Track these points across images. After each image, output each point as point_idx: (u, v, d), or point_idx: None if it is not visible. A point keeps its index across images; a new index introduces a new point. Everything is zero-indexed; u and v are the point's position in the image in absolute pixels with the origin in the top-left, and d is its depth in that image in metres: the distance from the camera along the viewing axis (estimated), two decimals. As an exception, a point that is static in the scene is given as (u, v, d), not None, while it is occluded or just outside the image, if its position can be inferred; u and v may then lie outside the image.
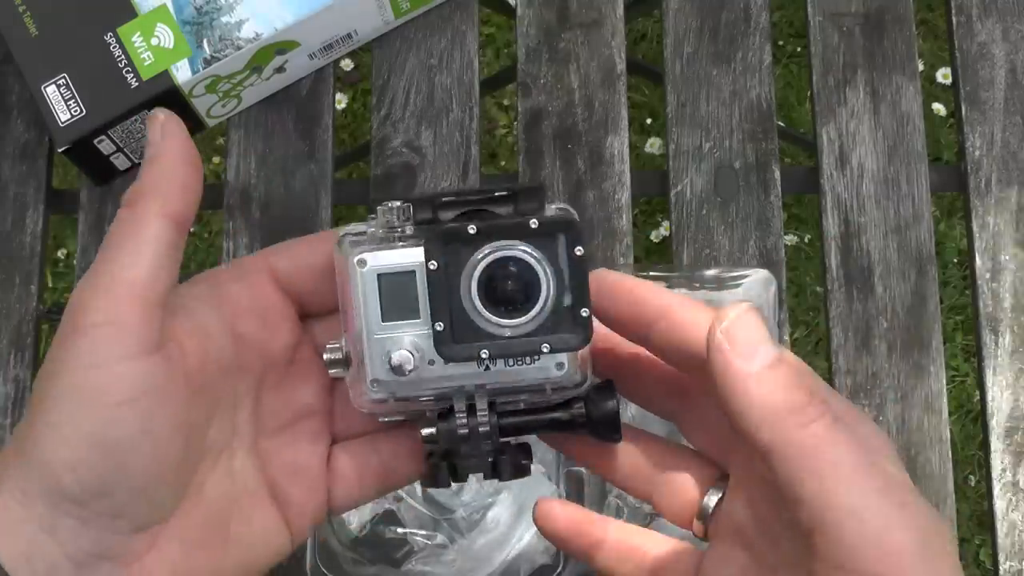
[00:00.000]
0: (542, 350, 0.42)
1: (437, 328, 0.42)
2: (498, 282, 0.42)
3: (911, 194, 0.78)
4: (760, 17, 0.81)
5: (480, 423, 0.44)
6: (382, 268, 0.43)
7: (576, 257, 0.42)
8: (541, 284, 0.42)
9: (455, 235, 0.42)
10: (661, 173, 0.80)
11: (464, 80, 0.81)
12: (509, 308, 0.42)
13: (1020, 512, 0.73)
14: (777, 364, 0.39)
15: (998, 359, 0.75)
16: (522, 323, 0.42)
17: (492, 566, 0.70)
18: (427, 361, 0.43)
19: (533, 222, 0.42)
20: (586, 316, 0.42)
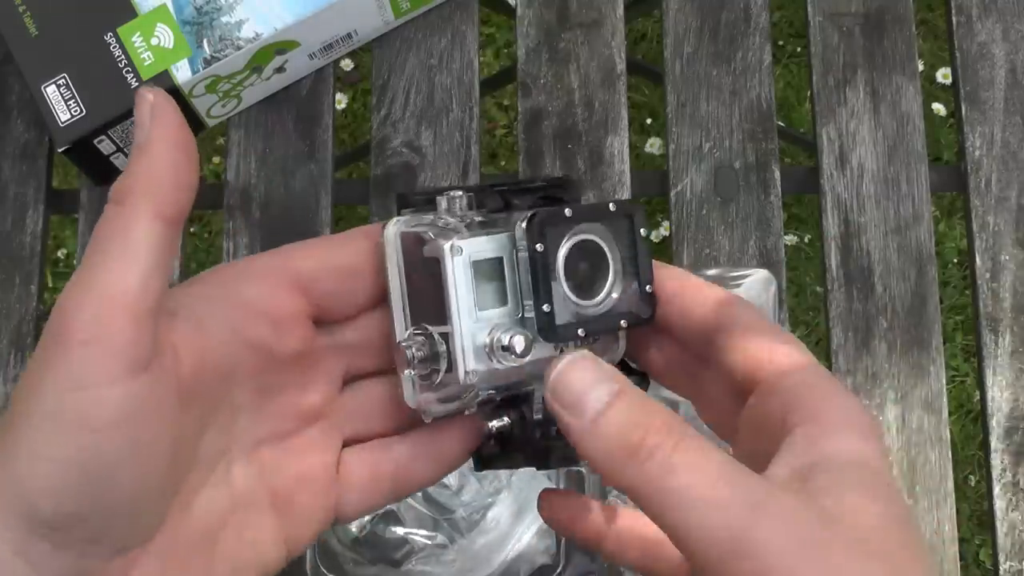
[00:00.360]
0: (622, 325, 0.44)
1: (544, 309, 0.43)
2: (577, 264, 0.43)
3: (911, 194, 0.78)
4: (760, 17, 0.81)
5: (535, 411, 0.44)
6: (477, 255, 0.43)
7: (643, 238, 0.44)
8: (609, 264, 0.44)
9: (555, 217, 0.43)
10: (661, 173, 0.80)
11: (464, 80, 0.81)
12: (586, 289, 0.44)
13: (1020, 512, 0.73)
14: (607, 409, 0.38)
15: (998, 359, 0.75)
16: (600, 301, 0.44)
17: (492, 566, 0.70)
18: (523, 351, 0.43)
19: (612, 205, 0.44)
20: (650, 291, 0.44)
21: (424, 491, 0.72)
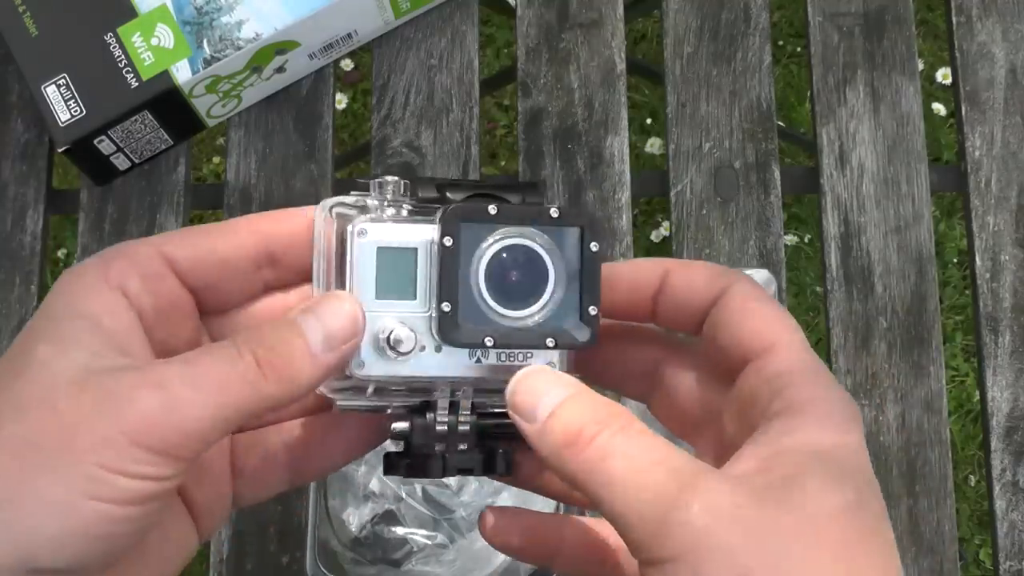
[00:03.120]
0: (547, 344, 0.41)
1: (444, 309, 0.40)
2: (506, 270, 0.40)
3: (911, 194, 0.78)
4: (760, 17, 0.81)
5: (461, 421, 0.42)
6: (383, 242, 0.41)
7: (591, 252, 0.41)
8: (549, 277, 0.41)
9: (474, 213, 0.40)
10: (661, 173, 0.80)
11: (464, 80, 0.81)
12: (514, 299, 0.41)
13: (1020, 512, 0.73)
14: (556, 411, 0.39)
15: (998, 359, 0.75)
16: (528, 315, 0.41)
17: (492, 566, 0.70)
18: (419, 346, 0.41)
19: (554, 211, 0.41)
20: (594, 314, 0.41)
21: (424, 491, 0.72)
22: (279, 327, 0.40)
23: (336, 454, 0.46)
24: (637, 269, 0.44)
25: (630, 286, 0.43)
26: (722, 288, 0.42)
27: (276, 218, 0.44)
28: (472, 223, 0.40)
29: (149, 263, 0.42)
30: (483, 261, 0.40)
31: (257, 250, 0.43)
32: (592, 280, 0.41)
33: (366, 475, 0.72)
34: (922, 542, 0.73)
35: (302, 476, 0.46)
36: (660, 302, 0.43)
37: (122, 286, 0.41)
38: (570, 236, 0.41)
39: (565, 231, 0.41)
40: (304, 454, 0.45)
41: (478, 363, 0.41)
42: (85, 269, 0.41)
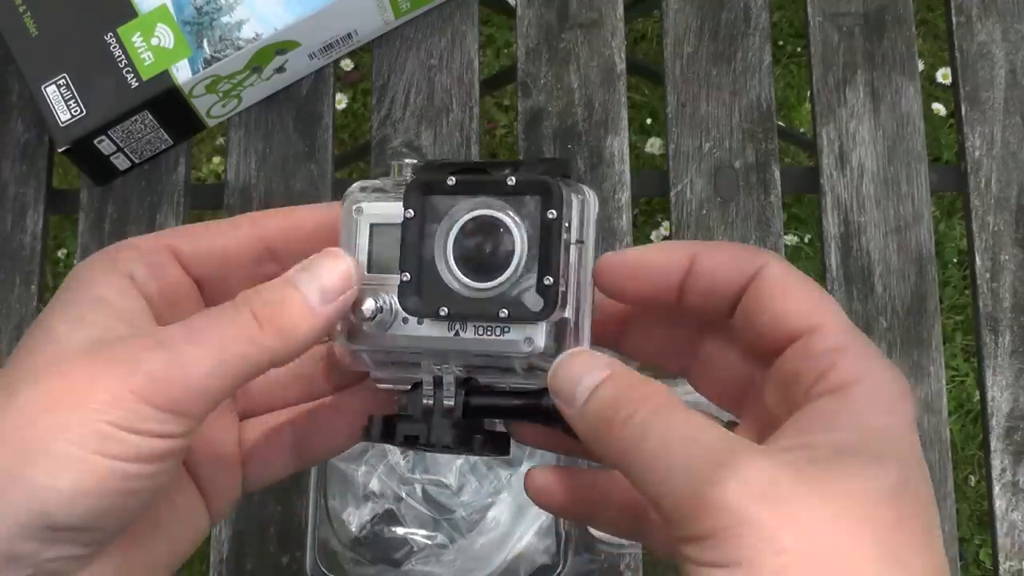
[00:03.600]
0: (499, 315, 0.40)
1: (403, 279, 0.41)
2: (473, 241, 0.41)
3: (911, 194, 0.78)
4: (760, 17, 0.81)
5: (446, 396, 0.42)
6: (376, 218, 0.42)
7: (548, 220, 0.40)
8: (516, 247, 0.40)
9: (432, 185, 0.41)
10: (661, 173, 0.80)
11: (464, 80, 0.81)
12: (483, 271, 0.41)
13: (1020, 512, 0.73)
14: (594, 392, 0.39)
15: (998, 359, 0.75)
16: (488, 287, 0.41)
17: (492, 566, 0.70)
18: (401, 318, 0.42)
19: (510, 180, 0.40)
20: (548, 284, 0.40)
21: (424, 491, 0.72)
22: (275, 285, 0.41)
23: (340, 436, 0.47)
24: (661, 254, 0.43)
25: (655, 270, 0.43)
26: (756, 268, 0.42)
27: (278, 214, 0.45)
28: (433, 196, 0.41)
29: (154, 252, 0.43)
30: (452, 232, 0.41)
31: (258, 244, 0.45)
32: (549, 249, 0.40)
33: (366, 475, 0.72)
34: (922, 542, 0.72)
35: (307, 458, 0.47)
36: (688, 286, 0.43)
37: (130, 272, 0.42)
38: (535, 207, 0.40)
39: (529, 199, 0.40)
40: (309, 436, 0.46)
41: (456, 336, 0.42)
42: (95, 259, 0.43)
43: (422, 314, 0.41)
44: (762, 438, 0.39)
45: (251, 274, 0.45)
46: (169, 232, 0.45)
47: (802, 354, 0.40)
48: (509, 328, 0.41)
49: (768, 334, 0.41)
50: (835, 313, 0.41)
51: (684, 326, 0.45)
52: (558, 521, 0.71)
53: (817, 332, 0.40)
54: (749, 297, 0.42)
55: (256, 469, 0.46)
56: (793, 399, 0.40)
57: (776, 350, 0.41)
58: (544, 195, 0.40)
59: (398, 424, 0.43)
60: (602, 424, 0.39)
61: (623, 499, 0.45)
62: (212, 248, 0.44)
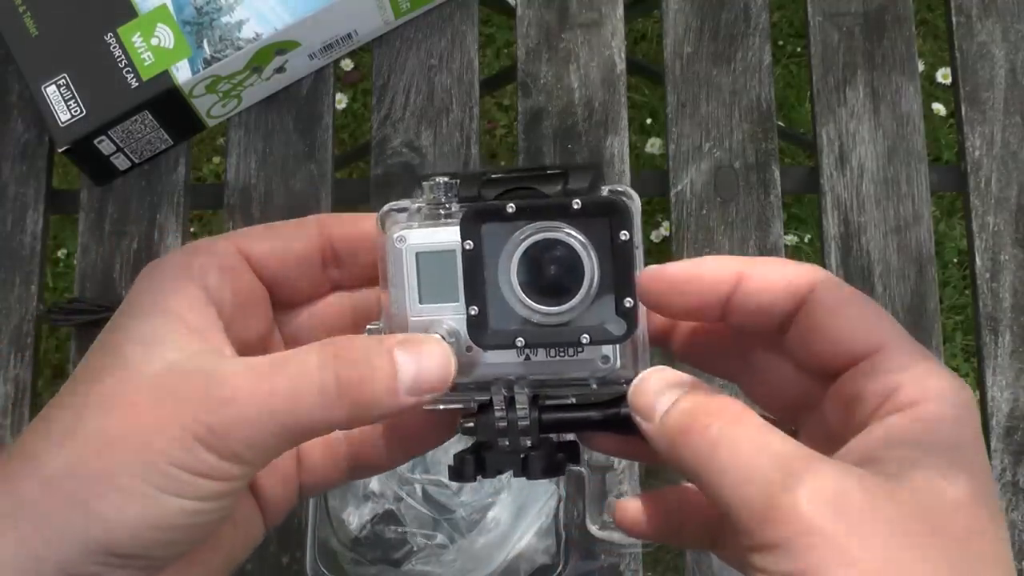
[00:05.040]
0: (582, 341, 0.40)
1: (471, 312, 0.40)
2: (540, 266, 0.40)
3: (911, 194, 0.78)
4: (760, 17, 0.81)
5: (520, 417, 0.42)
6: (422, 247, 0.41)
7: (620, 243, 0.39)
8: (584, 269, 0.40)
9: (492, 213, 0.39)
10: (661, 173, 0.80)
11: (464, 80, 0.81)
12: (551, 294, 0.40)
13: (1020, 512, 0.73)
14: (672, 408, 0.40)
15: (998, 359, 0.75)
16: (562, 311, 0.40)
17: (492, 566, 0.70)
18: (465, 347, 0.41)
19: (576, 203, 0.39)
20: (630, 306, 0.40)
21: (424, 491, 0.72)
22: (371, 351, 0.40)
23: (395, 452, 0.47)
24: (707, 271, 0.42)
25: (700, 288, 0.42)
26: (807, 288, 0.41)
27: (343, 220, 0.45)
28: (493, 224, 0.40)
29: (228, 257, 0.43)
30: (515, 258, 0.40)
31: (324, 249, 0.45)
32: (625, 271, 0.40)
33: (366, 475, 0.72)
34: (922, 542, 0.72)
35: (362, 470, 0.47)
36: (735, 304, 0.42)
37: (203, 279, 0.42)
38: (600, 226, 0.40)
39: (596, 221, 0.39)
40: (364, 450, 0.46)
41: (527, 360, 0.41)
42: (168, 264, 0.43)
43: (497, 347, 0.40)
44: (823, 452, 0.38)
45: (318, 280, 0.45)
46: (240, 234, 0.44)
47: (866, 375, 0.40)
48: (583, 348, 0.41)
49: (827, 356, 0.41)
50: (896, 331, 0.41)
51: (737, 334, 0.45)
52: (558, 521, 0.71)
53: (880, 353, 0.40)
54: (803, 318, 0.41)
55: (311, 480, 0.47)
56: (858, 418, 0.40)
57: (836, 370, 0.41)
58: (614, 216, 0.39)
59: (488, 458, 0.43)
60: (678, 436, 0.39)
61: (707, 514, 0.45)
62: (282, 252, 0.44)
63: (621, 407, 0.42)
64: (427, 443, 0.47)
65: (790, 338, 0.42)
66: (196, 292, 0.42)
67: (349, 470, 0.47)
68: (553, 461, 0.43)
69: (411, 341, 0.40)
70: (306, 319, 0.46)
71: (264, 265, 0.44)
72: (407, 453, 0.48)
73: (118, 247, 0.79)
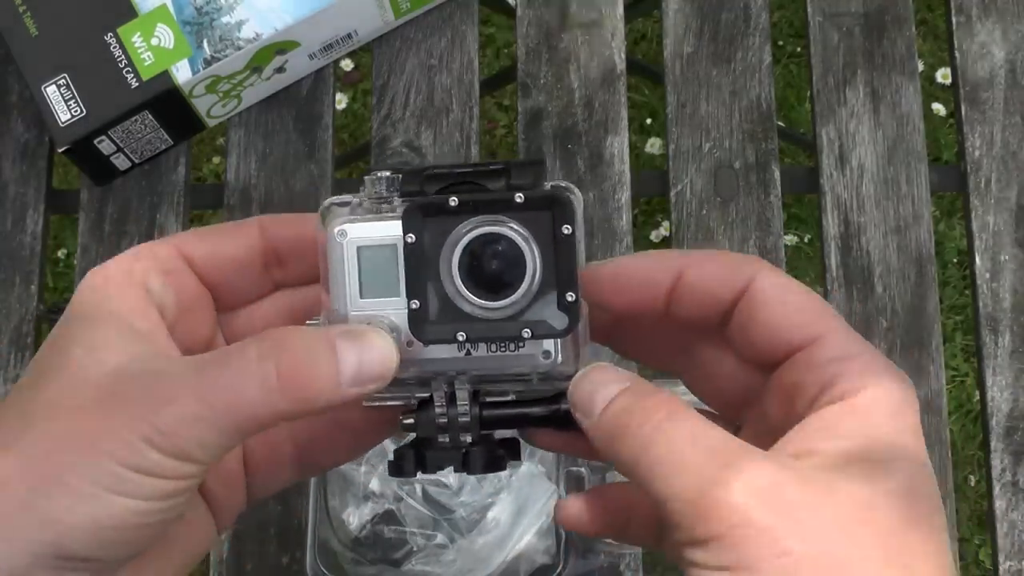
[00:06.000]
0: (523, 335, 0.40)
1: (412, 306, 0.40)
2: (482, 260, 0.39)
3: (911, 194, 0.78)
4: (760, 17, 0.81)
5: (460, 413, 0.42)
6: (363, 240, 0.41)
7: (563, 236, 0.39)
8: (527, 264, 0.39)
9: (434, 207, 0.39)
10: (661, 173, 0.80)
11: (464, 80, 0.81)
12: (493, 289, 0.40)
13: (1020, 512, 0.73)
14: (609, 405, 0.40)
15: (998, 359, 0.75)
16: (504, 306, 0.40)
17: (492, 566, 0.70)
18: (405, 342, 0.41)
19: (518, 196, 0.39)
20: (571, 301, 0.39)
21: (424, 491, 0.72)
22: (311, 342, 0.39)
23: (341, 449, 0.47)
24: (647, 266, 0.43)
25: (641, 282, 0.42)
26: (746, 280, 0.41)
27: (285, 221, 0.45)
28: (436, 218, 0.39)
29: (169, 261, 0.43)
30: (456, 252, 0.40)
31: (266, 251, 0.44)
32: (567, 265, 0.39)
33: (366, 475, 0.72)
34: (922, 542, 0.72)
35: (309, 469, 0.47)
36: (677, 299, 0.42)
37: (145, 283, 0.42)
38: (544, 220, 0.39)
39: (539, 215, 0.39)
40: (310, 449, 0.46)
41: (468, 355, 0.41)
42: (111, 268, 0.42)
43: (438, 341, 0.40)
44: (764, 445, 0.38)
45: (260, 281, 0.45)
46: (181, 237, 0.44)
47: (804, 366, 0.40)
48: (524, 343, 0.41)
49: (765, 346, 0.41)
50: (835, 321, 0.41)
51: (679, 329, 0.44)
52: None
53: (819, 343, 0.40)
54: (742, 310, 0.41)
55: (260, 480, 0.46)
56: (796, 409, 0.40)
57: (775, 361, 0.41)
58: (556, 210, 0.39)
59: (428, 455, 0.42)
60: (616, 432, 0.39)
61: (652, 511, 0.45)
62: (224, 255, 0.44)
63: (562, 403, 0.42)
64: (370, 440, 0.47)
65: (731, 330, 0.42)
66: (139, 295, 0.41)
67: (295, 469, 0.47)
68: (494, 456, 0.43)
69: (353, 332, 0.40)
70: (248, 320, 0.46)
71: (206, 268, 0.44)
72: (351, 451, 0.47)
73: (118, 247, 0.79)
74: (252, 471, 0.46)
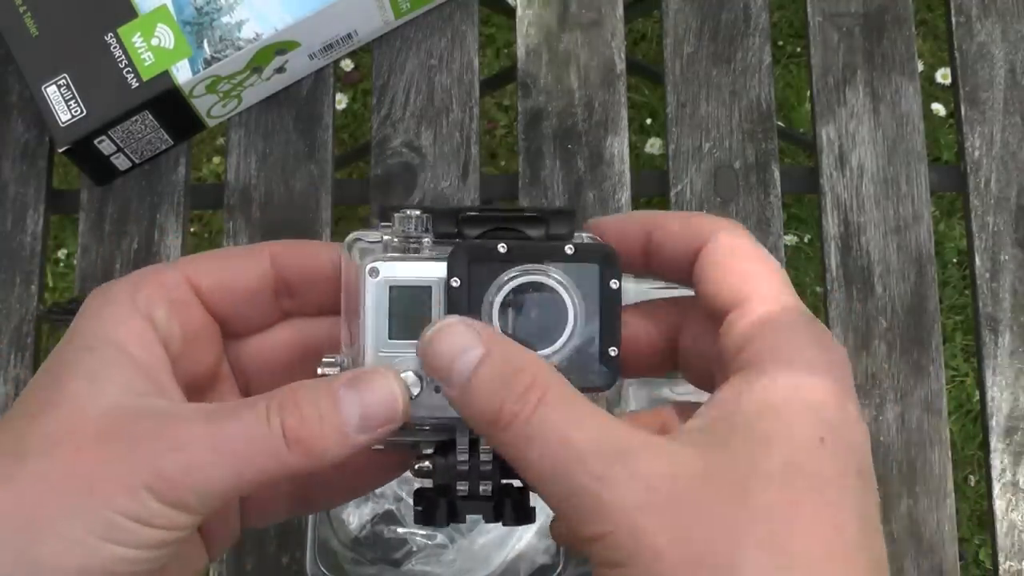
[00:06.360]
0: None
1: None
2: (523, 309, 0.39)
3: (911, 194, 0.78)
4: (760, 17, 0.81)
5: (483, 461, 0.41)
6: (396, 280, 0.40)
7: (610, 290, 0.39)
8: (568, 316, 0.39)
9: (483, 252, 0.39)
10: (661, 173, 0.80)
11: (464, 80, 0.81)
12: (533, 338, 0.39)
13: (1020, 512, 0.73)
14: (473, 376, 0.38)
15: (998, 359, 0.75)
16: (547, 354, 0.39)
17: (492, 566, 0.70)
18: (433, 387, 0.40)
19: (569, 247, 0.39)
20: (614, 355, 0.39)
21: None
22: (316, 395, 0.38)
23: (339, 491, 0.46)
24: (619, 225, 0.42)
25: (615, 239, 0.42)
26: (703, 241, 0.41)
27: (298, 251, 0.44)
28: (482, 263, 0.39)
29: (177, 290, 0.42)
30: (497, 300, 0.39)
31: (277, 280, 0.43)
32: (611, 319, 0.39)
33: (366, 475, 0.72)
34: (922, 542, 0.73)
35: (305, 508, 0.46)
36: (649, 255, 0.42)
37: (151, 313, 0.40)
38: (589, 271, 0.39)
39: (583, 267, 0.39)
40: (307, 488, 0.45)
41: None
42: (114, 294, 0.41)
43: None
44: None
45: (269, 309, 0.44)
46: (189, 264, 0.43)
47: (730, 329, 0.39)
48: None
49: (712, 306, 0.40)
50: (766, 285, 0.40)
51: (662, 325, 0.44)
52: None
53: (743, 306, 0.39)
54: (696, 269, 0.41)
55: (254, 515, 0.45)
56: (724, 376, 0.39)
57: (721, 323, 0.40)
58: (605, 264, 0.39)
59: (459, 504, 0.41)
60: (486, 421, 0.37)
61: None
62: (233, 284, 0.42)
63: None
64: (371, 483, 0.46)
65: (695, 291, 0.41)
66: (143, 326, 0.40)
67: (291, 505, 0.45)
68: (526, 508, 0.42)
69: (357, 378, 0.39)
70: (257, 349, 0.44)
71: (213, 298, 0.42)
72: (352, 492, 0.46)
73: (118, 247, 0.79)
74: (247, 506, 0.45)
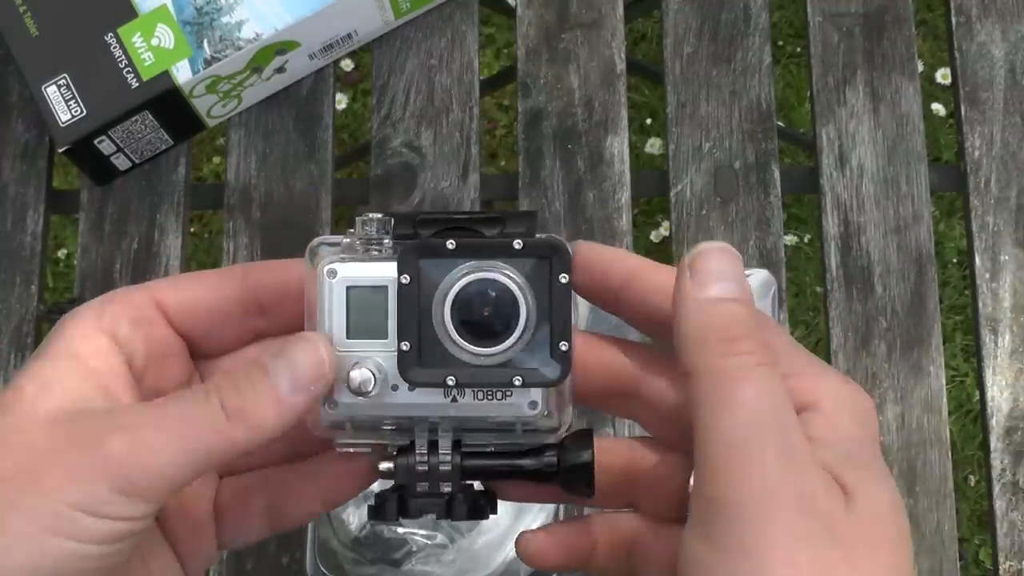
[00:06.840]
0: (514, 383, 0.39)
1: (403, 348, 0.39)
2: (474, 306, 0.39)
3: (911, 194, 0.78)
4: (760, 17, 0.81)
5: (441, 462, 0.41)
6: (352, 280, 0.41)
7: (560, 286, 0.39)
8: (520, 312, 0.39)
9: (431, 249, 0.39)
10: (661, 173, 0.80)
11: (464, 80, 0.81)
12: (484, 335, 0.39)
13: (1020, 512, 0.73)
14: (730, 300, 0.39)
15: (998, 359, 0.75)
16: (496, 352, 0.39)
17: (492, 566, 0.70)
18: (390, 386, 0.40)
19: (517, 243, 0.39)
20: (565, 350, 0.39)
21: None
22: (249, 371, 0.39)
23: (314, 502, 0.46)
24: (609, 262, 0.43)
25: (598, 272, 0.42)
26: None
27: (267, 268, 0.44)
28: (431, 259, 0.39)
29: (142, 308, 0.42)
30: (449, 297, 0.39)
31: (245, 299, 0.43)
32: (562, 314, 0.39)
33: (366, 475, 0.72)
34: (922, 542, 0.73)
35: (281, 523, 0.46)
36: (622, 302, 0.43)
37: (113, 330, 0.41)
38: (539, 268, 0.39)
39: (534, 263, 0.39)
40: (282, 501, 0.45)
41: (454, 402, 0.41)
42: (82, 313, 0.42)
43: (428, 385, 0.40)
44: None
45: (240, 330, 0.44)
46: (158, 284, 0.43)
47: None
48: (511, 392, 0.40)
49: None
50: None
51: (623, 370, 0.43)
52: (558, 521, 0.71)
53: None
54: None
55: (230, 531, 0.45)
56: None
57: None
58: (555, 258, 0.39)
59: (411, 501, 0.42)
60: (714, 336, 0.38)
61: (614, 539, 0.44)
62: (200, 303, 0.43)
63: (543, 457, 0.42)
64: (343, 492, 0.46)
65: None
66: (104, 340, 0.41)
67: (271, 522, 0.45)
68: (477, 504, 0.42)
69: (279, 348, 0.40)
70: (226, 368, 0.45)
71: (179, 318, 0.43)
72: (325, 502, 0.46)
73: (118, 247, 0.79)
74: (221, 520, 0.45)
